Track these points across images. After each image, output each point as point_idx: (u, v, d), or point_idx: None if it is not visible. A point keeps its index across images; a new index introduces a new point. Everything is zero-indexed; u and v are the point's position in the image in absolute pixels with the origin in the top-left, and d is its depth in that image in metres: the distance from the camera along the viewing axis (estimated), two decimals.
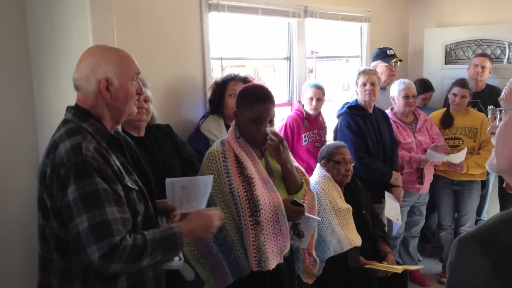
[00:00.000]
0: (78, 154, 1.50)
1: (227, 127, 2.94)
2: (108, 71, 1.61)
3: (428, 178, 3.87)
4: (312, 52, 4.19)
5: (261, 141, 2.24)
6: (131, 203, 1.60)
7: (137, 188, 1.65)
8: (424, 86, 4.41)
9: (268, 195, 2.21)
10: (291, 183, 2.37)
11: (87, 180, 1.48)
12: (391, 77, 4.17)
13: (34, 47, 2.46)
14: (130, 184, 1.61)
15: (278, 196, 2.22)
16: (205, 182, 1.91)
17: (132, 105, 1.70)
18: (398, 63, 4.23)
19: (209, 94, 3.12)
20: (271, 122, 2.23)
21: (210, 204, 2.24)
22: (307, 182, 2.46)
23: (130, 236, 1.52)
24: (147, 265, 1.58)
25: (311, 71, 4.31)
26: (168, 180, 1.89)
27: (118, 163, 1.62)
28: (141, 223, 1.65)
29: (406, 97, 3.80)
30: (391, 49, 4.21)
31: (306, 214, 2.33)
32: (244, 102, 2.24)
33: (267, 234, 2.18)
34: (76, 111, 1.64)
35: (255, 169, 2.24)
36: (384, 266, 2.95)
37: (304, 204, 2.29)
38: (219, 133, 2.93)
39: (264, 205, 2.17)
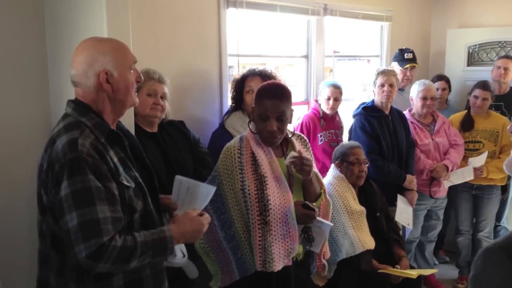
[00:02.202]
0: (73, 150, 1.48)
1: None
2: (106, 63, 1.58)
3: (443, 188, 3.81)
4: (335, 51, 4.13)
5: (267, 137, 2.20)
6: (126, 201, 1.57)
7: (133, 186, 1.62)
8: (438, 77, 4.36)
9: (280, 195, 2.16)
10: (311, 193, 2.31)
11: (80, 177, 1.46)
12: (406, 81, 4.12)
13: (51, 43, 2.47)
14: (126, 181, 1.58)
15: (290, 197, 2.18)
16: (206, 192, 1.86)
17: (133, 95, 1.68)
18: (415, 68, 4.17)
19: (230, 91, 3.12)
20: (280, 120, 2.16)
21: (222, 199, 2.22)
22: (325, 192, 2.40)
23: (120, 236, 1.49)
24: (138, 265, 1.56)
25: (331, 70, 4.26)
26: (178, 177, 1.87)
27: (115, 159, 1.59)
28: (139, 220, 1.63)
29: (424, 98, 3.74)
30: (411, 52, 4.13)
31: (318, 218, 2.28)
32: (256, 98, 2.23)
33: (274, 235, 2.13)
34: (76, 105, 1.62)
35: (270, 167, 2.20)
36: (397, 271, 2.89)
37: (315, 208, 2.23)
38: (244, 130, 2.88)
39: (274, 205, 2.13)
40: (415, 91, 3.80)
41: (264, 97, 2.17)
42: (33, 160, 2.46)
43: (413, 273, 2.87)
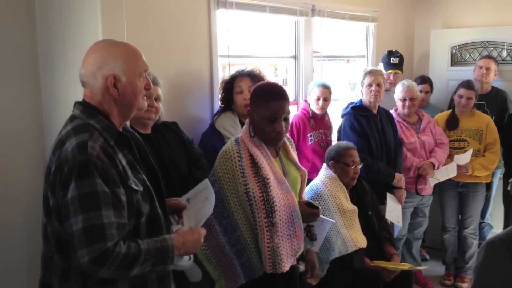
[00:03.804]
0: (83, 152, 1.47)
1: (242, 124, 2.92)
2: (115, 67, 1.58)
3: (429, 186, 3.88)
4: (314, 51, 4.16)
5: (276, 138, 2.20)
6: (134, 205, 1.57)
7: (142, 189, 1.61)
8: (422, 79, 4.42)
9: (283, 196, 2.17)
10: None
11: (88, 180, 1.45)
12: (389, 85, 4.18)
13: (42, 42, 2.43)
14: (134, 185, 1.57)
15: (293, 197, 2.19)
16: (209, 211, 1.88)
17: (141, 100, 1.67)
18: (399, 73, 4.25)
19: (219, 93, 3.13)
20: (286, 119, 2.19)
21: (224, 204, 2.20)
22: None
23: (125, 243, 1.48)
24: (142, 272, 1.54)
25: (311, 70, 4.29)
26: (207, 181, 1.89)
27: (124, 162, 1.58)
28: (145, 224, 1.62)
29: (403, 100, 3.82)
30: (398, 57, 4.19)
31: (321, 216, 2.31)
32: (258, 100, 2.19)
33: (281, 236, 2.14)
34: (84, 107, 1.61)
35: (270, 169, 2.19)
36: (390, 263, 2.97)
37: (319, 206, 2.26)
38: (235, 130, 2.91)
39: (280, 206, 2.14)
40: (397, 92, 3.88)
41: (270, 99, 2.15)
42: (25, 161, 2.45)
43: (405, 265, 2.98)
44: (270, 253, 2.12)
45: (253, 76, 3.01)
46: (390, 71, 4.16)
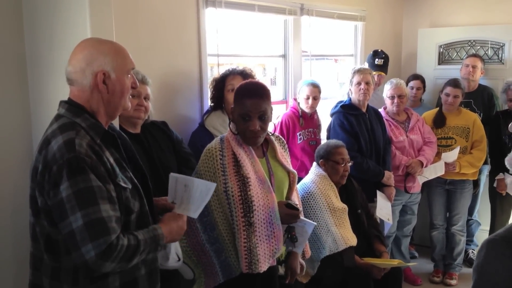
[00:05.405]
0: (71, 150, 1.47)
1: None
2: (105, 64, 1.58)
3: (418, 184, 3.91)
4: (303, 51, 4.17)
5: (250, 137, 2.19)
6: (123, 202, 1.57)
7: (130, 186, 1.61)
8: (414, 76, 4.48)
9: (263, 196, 2.16)
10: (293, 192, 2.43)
11: (81, 177, 1.45)
12: (374, 85, 4.19)
13: (30, 42, 2.40)
14: (122, 182, 1.58)
15: (273, 197, 2.18)
16: (206, 189, 1.84)
17: (127, 99, 1.67)
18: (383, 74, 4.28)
19: (209, 91, 3.12)
20: (262, 119, 2.16)
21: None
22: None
23: (124, 235, 1.50)
24: (136, 263, 1.57)
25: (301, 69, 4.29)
26: (172, 174, 1.85)
27: (111, 160, 1.58)
28: (135, 221, 1.62)
29: (392, 97, 3.86)
30: (382, 58, 4.22)
31: (302, 218, 2.30)
32: (236, 97, 2.21)
33: (259, 236, 2.13)
34: (70, 106, 1.60)
35: (252, 167, 2.19)
36: (379, 260, 2.99)
37: (299, 208, 2.25)
38: (224, 129, 2.90)
39: (258, 206, 2.13)
40: (385, 90, 3.91)
41: (245, 96, 2.16)
42: (13, 161, 2.41)
43: (394, 261, 3.01)
44: (247, 252, 2.11)
45: (245, 75, 3.02)
46: (374, 73, 4.18)
